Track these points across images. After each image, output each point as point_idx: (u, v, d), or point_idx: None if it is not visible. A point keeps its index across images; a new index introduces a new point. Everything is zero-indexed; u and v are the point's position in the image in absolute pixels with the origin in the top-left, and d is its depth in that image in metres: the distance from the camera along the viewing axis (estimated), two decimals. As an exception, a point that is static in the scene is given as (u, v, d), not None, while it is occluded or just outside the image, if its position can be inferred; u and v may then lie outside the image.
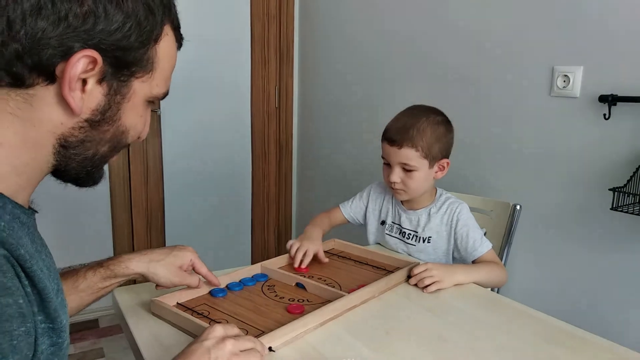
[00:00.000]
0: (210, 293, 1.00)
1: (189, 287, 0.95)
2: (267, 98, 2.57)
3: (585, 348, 0.85)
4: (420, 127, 1.20)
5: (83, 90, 0.51)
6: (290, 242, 1.21)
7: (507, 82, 1.55)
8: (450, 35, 1.72)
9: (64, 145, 0.54)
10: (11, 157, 0.51)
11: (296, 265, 1.16)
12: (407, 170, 1.22)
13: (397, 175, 1.23)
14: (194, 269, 0.96)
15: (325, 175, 2.48)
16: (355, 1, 2.14)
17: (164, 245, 2.45)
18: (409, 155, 1.20)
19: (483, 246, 1.22)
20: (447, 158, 1.26)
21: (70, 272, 0.82)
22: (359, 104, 2.18)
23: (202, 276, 0.97)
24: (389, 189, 1.30)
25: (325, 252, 1.28)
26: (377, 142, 1.27)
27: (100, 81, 0.52)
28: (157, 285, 0.93)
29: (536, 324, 0.93)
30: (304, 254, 1.17)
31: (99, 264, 0.85)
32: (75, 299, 0.81)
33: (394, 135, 1.21)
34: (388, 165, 1.26)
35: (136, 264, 0.87)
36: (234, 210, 2.62)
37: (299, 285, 1.05)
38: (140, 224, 2.38)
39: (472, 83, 1.66)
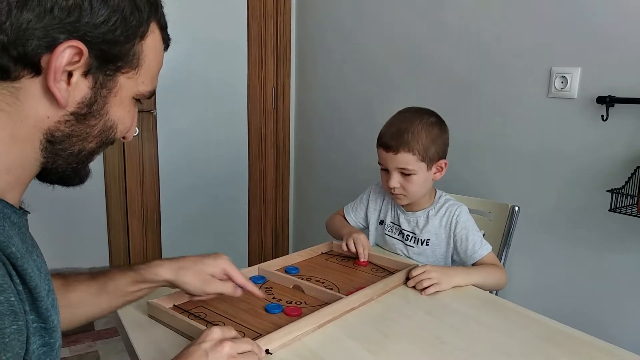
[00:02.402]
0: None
1: (225, 294, 0.89)
2: (264, 98, 2.56)
3: (584, 350, 0.85)
4: (415, 130, 1.19)
5: (68, 82, 0.52)
6: (344, 243, 1.24)
7: (505, 83, 1.55)
8: (448, 36, 1.72)
9: (50, 141, 0.53)
10: (0, 153, 0.51)
11: (364, 259, 1.21)
12: (405, 174, 1.21)
13: (395, 180, 1.22)
14: (230, 278, 0.89)
15: (323, 175, 2.48)
16: (353, 1, 2.14)
17: (160, 246, 2.44)
18: (407, 159, 1.19)
19: (483, 249, 1.22)
20: (444, 158, 1.26)
21: (101, 273, 0.81)
22: (356, 104, 2.18)
23: (239, 285, 0.90)
24: (389, 194, 1.30)
25: (323, 253, 1.28)
26: (374, 142, 1.27)
27: (85, 74, 0.52)
28: (191, 295, 0.89)
29: (535, 325, 0.93)
30: (363, 247, 1.21)
31: (130, 267, 0.83)
32: (105, 300, 0.80)
33: (389, 141, 1.20)
34: (386, 170, 1.25)
35: (165, 270, 0.84)
36: (231, 211, 2.61)
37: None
38: (136, 225, 2.37)
39: (470, 84, 1.66)
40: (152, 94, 0.62)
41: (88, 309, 0.79)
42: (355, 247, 1.21)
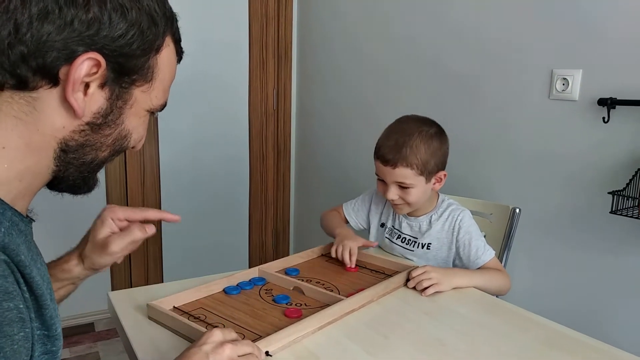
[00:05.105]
0: (225, 291, 1.00)
1: (137, 240, 0.79)
2: (265, 100, 2.56)
3: (584, 352, 0.85)
4: (414, 144, 1.16)
5: (85, 93, 0.52)
6: (333, 248, 1.21)
7: (507, 85, 1.55)
8: (449, 39, 1.72)
9: (64, 150, 0.54)
10: (14, 161, 0.51)
11: (351, 265, 1.17)
12: (403, 187, 1.20)
13: (393, 193, 1.21)
14: (128, 220, 0.81)
15: (323, 177, 2.47)
16: (354, 3, 2.14)
17: (160, 246, 2.44)
18: (405, 174, 1.17)
19: (486, 254, 1.21)
20: (444, 170, 1.24)
21: None
22: (357, 106, 2.18)
23: (144, 220, 0.81)
24: (388, 202, 1.29)
25: (323, 255, 1.28)
26: (375, 143, 1.26)
27: (102, 85, 0.53)
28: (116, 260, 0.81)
29: (535, 327, 0.93)
30: (350, 254, 1.18)
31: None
32: None
33: (386, 155, 1.18)
34: (383, 181, 1.23)
35: (74, 264, 0.79)
36: (232, 212, 2.61)
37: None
38: (137, 226, 2.36)
39: (471, 86, 1.66)
40: (164, 107, 0.63)
41: None
42: (343, 255, 1.18)
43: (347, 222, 1.44)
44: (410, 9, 1.86)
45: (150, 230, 0.80)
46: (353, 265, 1.18)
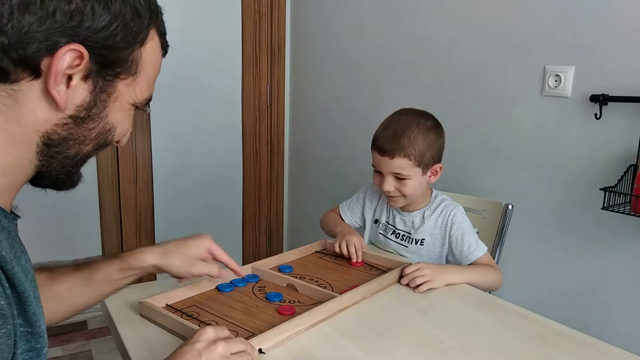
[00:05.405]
0: (218, 288, 1.01)
1: (210, 276, 0.93)
2: (258, 96, 2.55)
3: (576, 348, 0.85)
4: (411, 135, 1.17)
5: (68, 85, 0.52)
6: (336, 244, 1.23)
7: (499, 81, 1.55)
8: (443, 35, 1.72)
9: (46, 144, 0.53)
10: None
11: (357, 260, 1.19)
12: (399, 178, 1.21)
13: (390, 184, 1.21)
14: (214, 257, 0.93)
15: (317, 173, 2.47)
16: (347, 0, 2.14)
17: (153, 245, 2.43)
18: (402, 164, 1.18)
19: (478, 250, 1.21)
20: (440, 162, 1.25)
21: (85, 263, 0.82)
22: (350, 102, 2.17)
23: (223, 263, 0.94)
24: (384, 194, 1.29)
25: (317, 252, 1.28)
26: (369, 140, 1.26)
27: (85, 78, 0.52)
28: (178, 280, 0.92)
29: (528, 324, 0.93)
30: (355, 248, 1.20)
31: (116, 256, 0.85)
32: (92, 290, 0.81)
33: (384, 145, 1.19)
34: (379, 173, 1.24)
35: (151, 256, 0.86)
36: (225, 209, 2.60)
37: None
38: (130, 224, 2.35)
39: (463, 82, 1.66)
40: (149, 101, 0.62)
41: (76, 300, 0.80)
42: (348, 249, 1.20)
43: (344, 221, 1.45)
44: (403, 6, 1.86)
45: (225, 276, 0.96)
46: (360, 259, 1.19)
